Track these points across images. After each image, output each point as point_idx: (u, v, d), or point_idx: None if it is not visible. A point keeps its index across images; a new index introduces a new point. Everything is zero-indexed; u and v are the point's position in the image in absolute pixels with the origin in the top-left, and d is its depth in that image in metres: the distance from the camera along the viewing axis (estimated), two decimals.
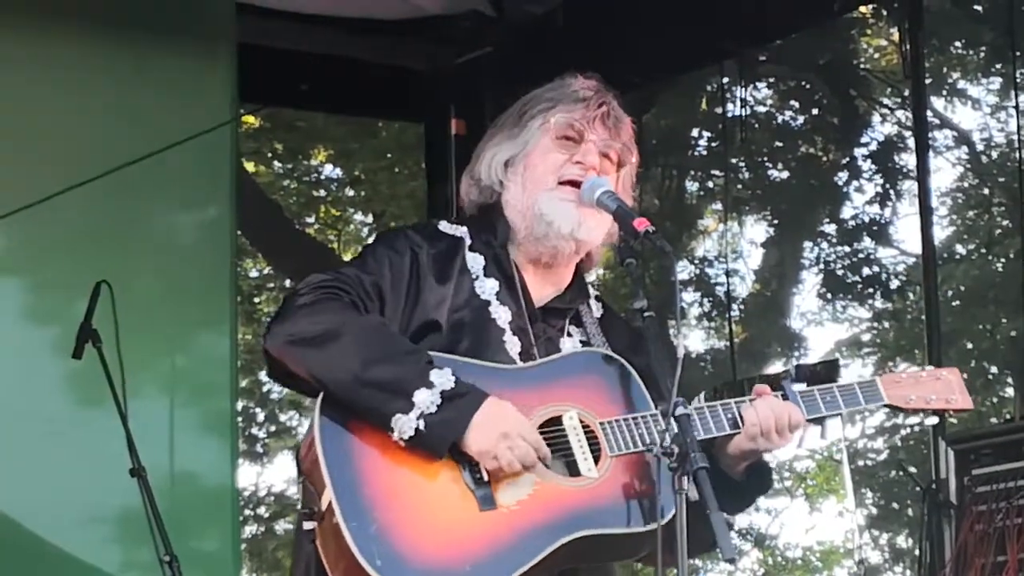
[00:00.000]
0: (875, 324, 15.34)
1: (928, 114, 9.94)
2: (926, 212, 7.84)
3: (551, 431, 3.37)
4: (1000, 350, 13.51)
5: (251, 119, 11.39)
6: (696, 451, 3.13)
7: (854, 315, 15.27)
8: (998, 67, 12.94)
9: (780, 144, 13.35)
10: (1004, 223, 13.47)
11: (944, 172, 14.22)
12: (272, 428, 15.26)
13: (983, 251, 13.84)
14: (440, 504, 3.27)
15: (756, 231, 14.29)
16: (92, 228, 6.72)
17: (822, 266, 13.73)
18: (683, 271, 13.62)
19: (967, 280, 13.70)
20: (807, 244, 13.95)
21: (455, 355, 3.39)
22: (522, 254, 3.59)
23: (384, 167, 12.84)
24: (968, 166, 14.43)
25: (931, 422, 3.80)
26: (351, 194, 13.99)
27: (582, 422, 3.38)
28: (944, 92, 13.64)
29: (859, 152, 13.12)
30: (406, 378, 3.28)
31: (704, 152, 13.36)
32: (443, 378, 3.29)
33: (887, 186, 12.96)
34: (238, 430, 8.41)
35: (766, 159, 13.32)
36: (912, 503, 14.28)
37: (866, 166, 13.07)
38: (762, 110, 13.18)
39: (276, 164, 13.41)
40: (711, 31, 7.62)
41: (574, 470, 3.34)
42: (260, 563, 15.30)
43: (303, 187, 13.71)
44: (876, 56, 13.70)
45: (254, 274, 14.28)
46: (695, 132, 13.22)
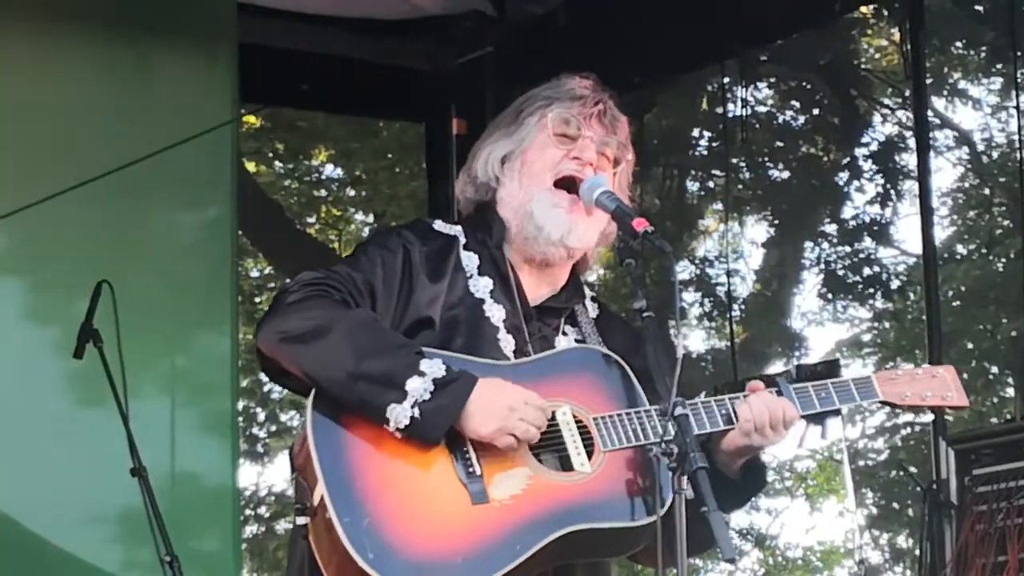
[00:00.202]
0: (876, 324, 15.33)
1: (929, 114, 9.93)
2: (927, 212, 7.83)
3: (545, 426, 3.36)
4: (1001, 350, 13.51)
5: (252, 119, 11.38)
6: (696, 451, 3.13)
7: (855, 315, 15.28)
8: (999, 67, 12.93)
9: (781, 144, 13.34)
10: (1005, 223, 13.46)
11: (945, 172, 14.24)
12: (273, 428, 15.25)
13: (984, 251, 13.83)
14: (433, 498, 3.26)
15: (757, 231, 14.30)
16: (93, 228, 6.72)
17: (823, 266, 13.73)
18: (684, 271, 13.62)
19: (968, 280, 13.69)
20: (808, 244, 13.94)
21: (449, 351, 3.39)
22: (517, 253, 3.59)
23: (385, 167, 12.83)
24: (969, 166, 14.43)
25: (926, 419, 3.81)
26: (352, 194, 13.98)
27: (575, 417, 3.38)
28: (945, 92, 13.64)
29: (860, 152, 13.12)
30: (397, 369, 3.28)
31: (705, 152, 13.35)
32: (434, 367, 3.29)
33: (888, 186, 12.95)
34: (239, 430, 8.41)
35: (767, 159, 13.31)
36: (913, 503, 14.28)
37: (867, 166, 13.06)
38: (763, 110, 13.18)
39: (277, 164, 13.41)
40: (712, 31, 7.62)
41: (567, 465, 3.34)
42: (261, 563, 15.30)
43: (304, 187, 13.70)
44: (877, 56, 13.69)
45: (255, 274, 14.27)
46: (696, 132, 13.21)
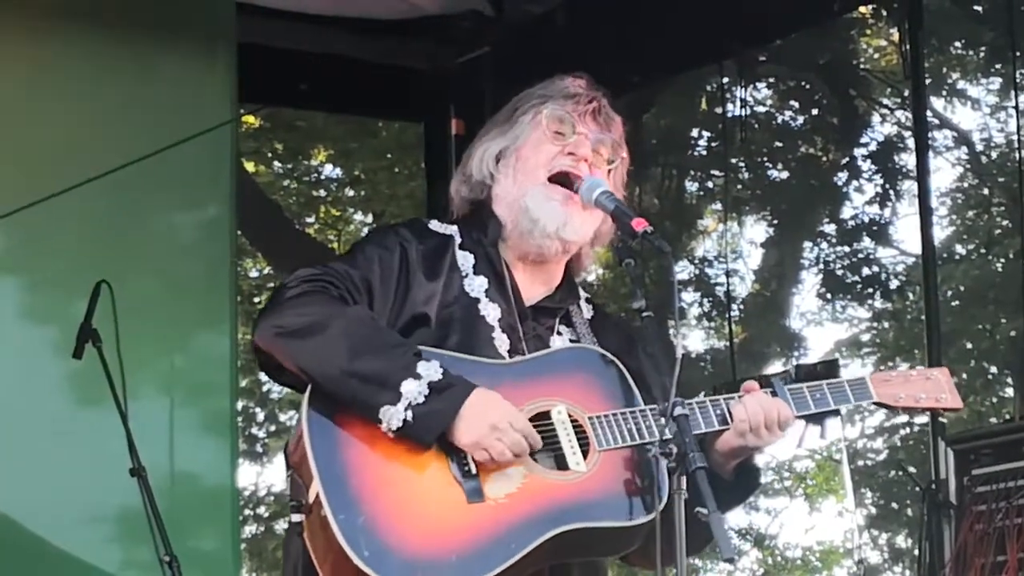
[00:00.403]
0: (875, 324, 15.33)
1: (928, 114, 9.93)
2: (926, 212, 7.83)
3: (540, 425, 3.37)
4: (1000, 350, 13.51)
5: (251, 119, 11.38)
6: (695, 451, 3.13)
7: (854, 315, 15.28)
8: (998, 67, 12.93)
9: (780, 144, 13.34)
10: (1004, 223, 13.47)
11: (944, 172, 14.25)
12: (272, 428, 15.25)
13: (983, 251, 13.84)
14: (428, 496, 3.27)
15: (756, 231, 14.30)
16: (92, 228, 6.72)
17: (822, 266, 13.73)
18: (683, 271, 13.62)
19: (967, 280, 13.69)
20: (807, 244, 13.95)
21: (444, 350, 3.39)
22: (512, 252, 3.60)
23: (384, 167, 12.84)
24: (968, 166, 14.43)
25: (925, 419, 3.82)
26: (351, 194, 13.98)
27: (571, 417, 3.39)
28: (944, 92, 13.64)
29: (859, 152, 13.11)
30: (393, 369, 3.28)
31: (704, 152, 13.35)
32: (430, 369, 3.29)
33: (887, 186, 12.95)
34: (238, 430, 8.41)
35: (766, 159, 13.31)
36: (912, 503, 14.29)
37: (866, 166, 13.06)
38: (762, 110, 13.17)
39: (276, 164, 13.41)
40: (711, 31, 7.62)
41: (562, 464, 3.34)
42: (260, 563, 15.30)
43: (303, 187, 13.71)
44: (876, 56, 13.70)
45: (254, 274, 14.27)
46: (695, 132, 13.21)
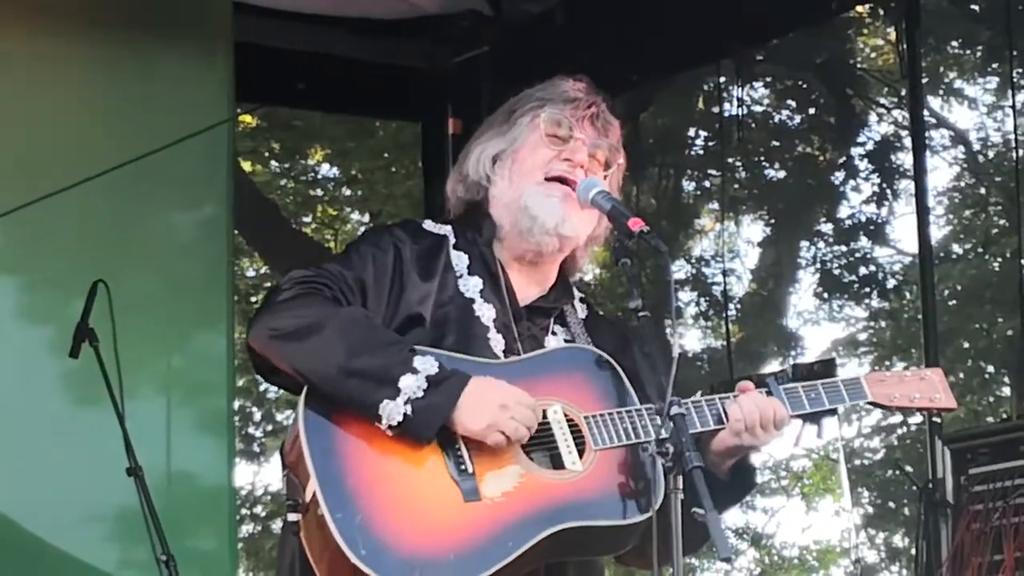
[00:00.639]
0: (872, 323, 15.33)
1: (925, 113, 9.94)
2: (923, 211, 7.84)
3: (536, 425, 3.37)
4: (997, 349, 13.51)
5: (248, 118, 11.38)
6: (691, 450, 3.14)
7: (851, 314, 15.27)
8: (995, 66, 12.93)
9: (777, 143, 13.33)
10: (1001, 222, 13.47)
11: (941, 171, 14.24)
12: (269, 427, 15.24)
13: (980, 250, 13.84)
14: (425, 495, 3.27)
15: (753, 230, 14.29)
16: (89, 227, 6.72)
17: (819, 265, 13.72)
18: (680, 270, 13.62)
19: (964, 279, 13.69)
20: (804, 243, 13.93)
21: (439, 350, 3.40)
22: (507, 252, 3.60)
23: (381, 166, 12.83)
24: (965, 165, 14.43)
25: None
26: (348, 193, 13.98)
27: (567, 416, 3.39)
28: (941, 91, 13.64)
29: (856, 151, 13.11)
30: (390, 365, 3.28)
31: (701, 151, 13.34)
32: (427, 364, 3.30)
33: (884, 185, 12.95)
34: (235, 429, 8.40)
35: (763, 158, 13.31)
36: (909, 502, 14.27)
37: (863, 165, 13.06)
38: (759, 109, 13.17)
39: (273, 163, 13.40)
40: (708, 30, 7.62)
41: (558, 463, 3.35)
42: (257, 562, 15.29)
43: (300, 186, 13.70)
44: (873, 55, 13.69)
45: (251, 273, 14.26)
46: (692, 131, 13.20)
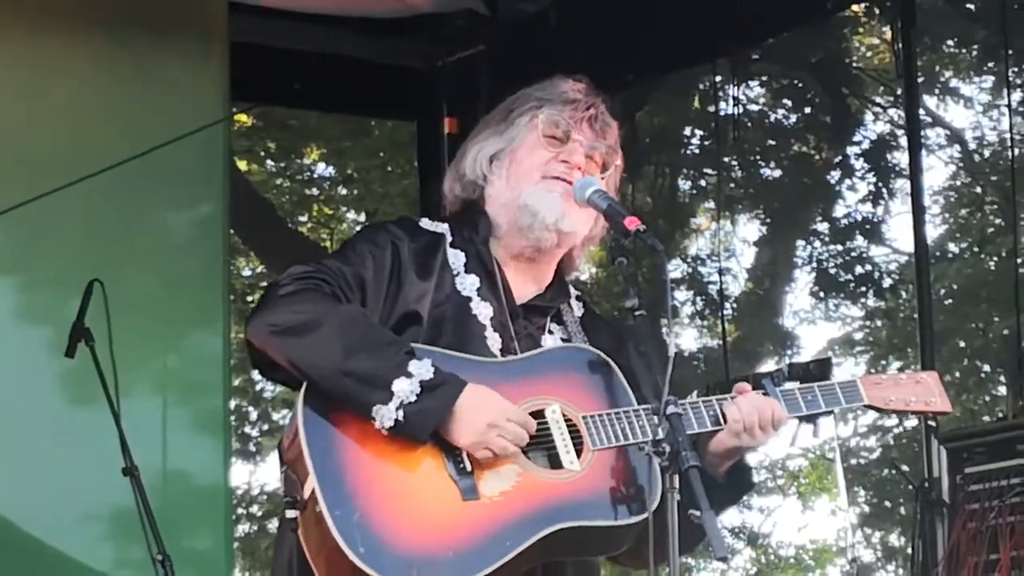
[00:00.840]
0: (868, 323, 15.34)
1: (920, 112, 9.95)
2: (918, 211, 7.84)
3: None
4: (992, 349, 13.52)
5: (244, 118, 11.37)
6: (687, 449, 3.14)
7: (847, 314, 15.29)
8: (990, 65, 12.95)
9: (773, 142, 13.35)
10: (996, 221, 13.49)
11: (936, 170, 14.26)
12: (265, 427, 15.24)
13: (975, 250, 13.85)
14: (423, 493, 3.27)
15: (749, 229, 14.31)
16: (85, 226, 6.71)
17: (815, 264, 13.74)
18: (676, 269, 13.64)
19: (960, 279, 13.71)
20: (800, 242, 13.95)
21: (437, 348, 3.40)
22: (503, 250, 3.60)
23: (377, 166, 12.83)
24: (960, 164, 14.44)
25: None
26: (344, 192, 13.98)
27: (565, 416, 3.39)
28: (936, 90, 13.66)
29: (851, 150, 13.13)
30: (385, 368, 3.28)
31: (697, 150, 13.35)
32: (422, 368, 3.29)
33: (879, 184, 12.97)
34: (231, 429, 8.41)
35: (759, 157, 13.32)
36: (905, 501, 14.28)
37: (859, 164, 13.08)
38: (755, 108, 13.17)
39: (269, 163, 13.40)
40: (704, 29, 7.62)
41: (556, 463, 3.35)
42: (253, 562, 15.29)
43: (296, 186, 13.70)
44: (869, 55, 13.71)
45: (247, 273, 14.25)
46: (688, 130, 13.21)
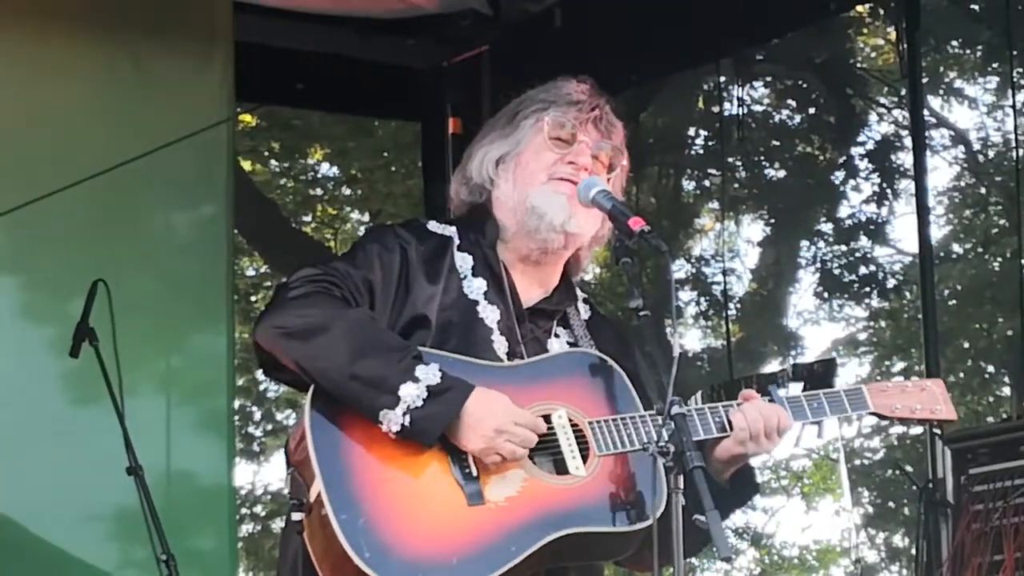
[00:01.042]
0: (872, 323, 15.33)
1: (925, 113, 9.95)
2: (923, 211, 7.83)
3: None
4: (997, 349, 13.51)
5: (248, 118, 11.38)
6: (692, 450, 3.14)
7: (851, 314, 15.27)
8: (995, 66, 12.94)
9: (777, 143, 13.34)
10: (1001, 222, 13.46)
11: (941, 171, 14.25)
12: (269, 427, 15.24)
13: (980, 250, 13.84)
14: (429, 498, 3.28)
15: (753, 230, 14.29)
16: (89, 226, 6.71)
17: (819, 265, 13.72)
18: (680, 270, 13.62)
19: (964, 279, 13.70)
20: (804, 243, 13.94)
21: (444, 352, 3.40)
22: (510, 253, 3.60)
23: (381, 166, 12.83)
24: (965, 165, 14.43)
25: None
26: (347, 193, 13.98)
27: (571, 421, 3.39)
28: (941, 91, 13.64)
29: (856, 151, 13.12)
30: (392, 373, 3.29)
31: (701, 151, 13.35)
32: (429, 373, 3.30)
33: (884, 185, 12.96)
34: (234, 428, 8.39)
35: (763, 158, 13.31)
36: (909, 502, 14.27)
37: (863, 165, 13.07)
38: (759, 109, 13.17)
39: (273, 163, 13.40)
40: (708, 30, 7.61)
41: (562, 468, 3.35)
42: (257, 561, 15.29)
43: (299, 186, 13.70)
44: (873, 55, 13.69)
45: (251, 273, 14.26)
46: (692, 131, 13.21)
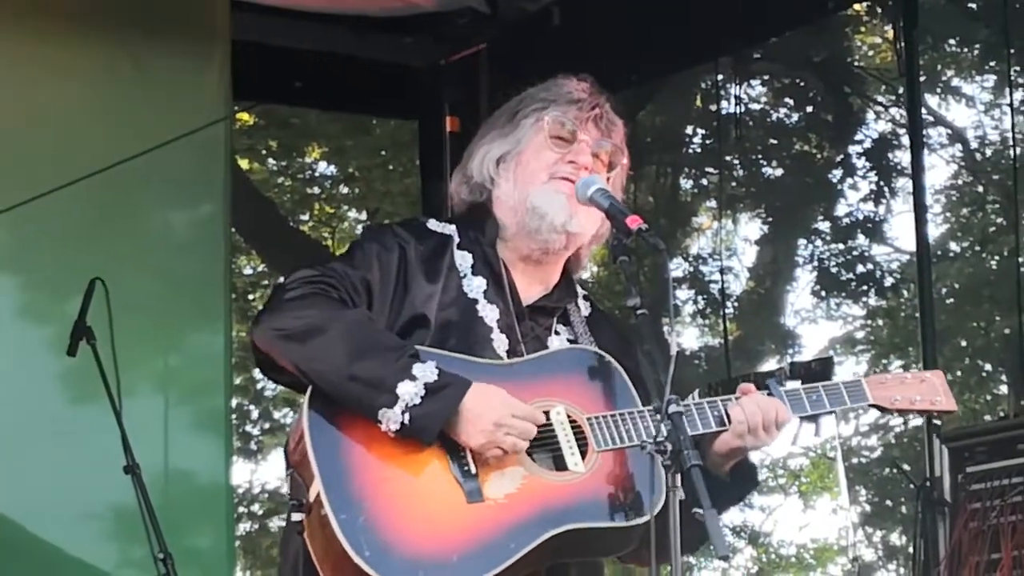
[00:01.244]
0: (869, 322, 15.33)
1: (922, 111, 9.95)
2: (920, 209, 7.83)
3: (539, 426, 3.37)
4: (994, 348, 13.51)
5: (245, 116, 11.37)
6: (689, 448, 3.14)
7: (848, 312, 15.27)
8: (992, 64, 12.94)
9: (774, 141, 13.34)
10: (998, 220, 13.47)
11: (938, 169, 14.24)
12: (266, 425, 15.24)
13: (977, 248, 13.84)
14: (428, 496, 3.28)
15: (750, 228, 14.30)
16: (86, 225, 6.71)
17: (816, 263, 13.73)
18: (677, 268, 13.62)
19: (961, 278, 13.70)
20: (801, 241, 13.94)
21: (443, 351, 3.40)
22: (510, 251, 3.60)
23: (378, 164, 12.83)
24: (962, 163, 14.43)
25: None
26: (345, 191, 13.98)
27: (569, 417, 3.39)
28: (938, 89, 13.64)
29: (853, 149, 13.12)
30: (390, 372, 3.29)
31: (698, 149, 13.35)
32: (426, 371, 3.30)
33: (881, 183, 12.96)
34: (232, 427, 8.39)
35: (760, 156, 13.31)
36: (906, 500, 14.25)
37: (860, 163, 13.07)
38: (756, 107, 13.17)
39: (270, 161, 13.39)
40: (706, 28, 7.61)
41: (561, 465, 3.35)
42: (254, 560, 15.29)
43: (297, 184, 13.70)
44: (871, 53, 13.70)
45: (248, 271, 14.25)
46: (689, 129, 13.21)
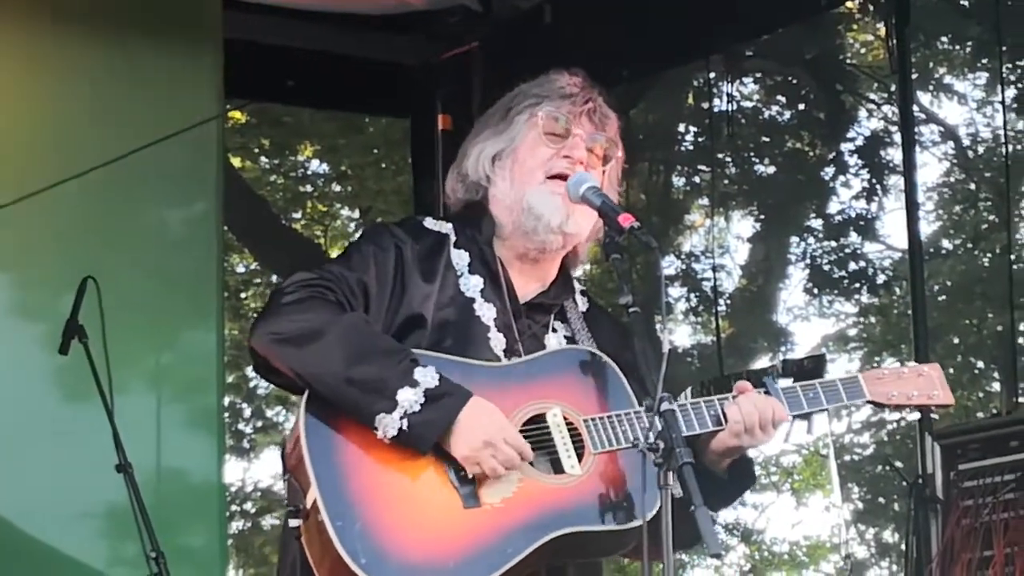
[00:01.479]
0: (861, 319, 15.35)
1: (914, 109, 9.94)
2: (912, 207, 7.83)
3: (535, 428, 3.37)
4: (986, 345, 13.53)
5: (237, 115, 11.37)
6: (681, 446, 3.13)
7: (840, 310, 15.30)
8: (984, 62, 12.97)
9: (766, 139, 13.35)
10: (990, 218, 13.50)
11: (930, 167, 14.28)
12: (259, 424, 15.24)
13: (969, 246, 13.86)
14: (425, 502, 3.28)
15: (743, 226, 14.32)
16: (79, 223, 6.70)
17: (808, 261, 13.75)
18: (669, 266, 13.63)
19: (953, 275, 13.72)
20: (793, 239, 13.95)
21: (439, 352, 3.39)
22: (507, 250, 3.59)
23: (371, 162, 12.83)
24: (954, 161, 14.46)
25: (913, 417, 3.82)
26: (337, 189, 13.98)
27: (566, 419, 3.39)
28: (930, 87, 13.67)
29: (845, 147, 13.14)
30: (390, 377, 3.28)
31: (691, 147, 13.36)
32: (427, 376, 3.29)
33: (873, 181, 12.98)
34: (224, 426, 8.40)
35: (752, 154, 13.33)
36: (898, 498, 14.30)
37: (852, 161, 13.09)
38: (748, 105, 13.19)
39: (263, 160, 13.39)
40: (698, 26, 7.61)
41: (558, 467, 3.35)
42: (247, 558, 15.29)
43: (290, 182, 13.69)
44: (862, 51, 13.72)
45: (241, 269, 14.25)
46: (682, 127, 13.22)
